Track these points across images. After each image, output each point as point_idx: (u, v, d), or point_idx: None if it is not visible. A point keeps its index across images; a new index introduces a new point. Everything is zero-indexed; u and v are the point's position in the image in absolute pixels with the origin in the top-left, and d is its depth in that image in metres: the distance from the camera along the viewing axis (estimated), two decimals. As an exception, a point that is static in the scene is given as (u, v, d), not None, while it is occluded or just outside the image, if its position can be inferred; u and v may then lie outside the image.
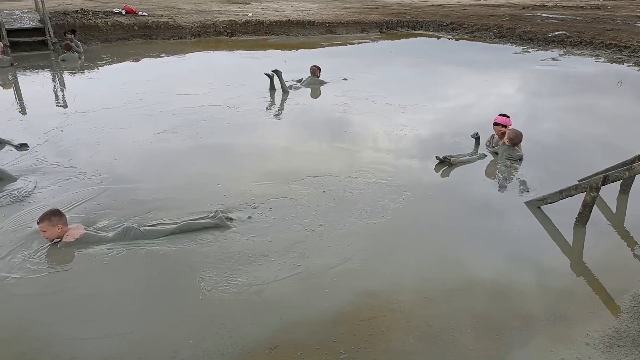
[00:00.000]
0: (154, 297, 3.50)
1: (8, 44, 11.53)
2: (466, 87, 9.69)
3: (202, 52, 13.04)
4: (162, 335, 3.15)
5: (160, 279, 3.67)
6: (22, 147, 6.00)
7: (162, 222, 4.35)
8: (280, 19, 16.06)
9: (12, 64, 10.45)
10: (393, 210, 4.70)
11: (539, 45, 14.10)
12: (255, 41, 14.65)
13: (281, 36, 15.39)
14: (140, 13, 14.97)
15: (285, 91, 8.75)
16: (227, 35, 14.96)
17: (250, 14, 16.60)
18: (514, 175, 5.60)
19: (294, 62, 12.00)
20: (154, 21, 14.44)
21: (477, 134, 6.27)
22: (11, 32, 11.85)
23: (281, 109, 7.93)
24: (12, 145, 6.05)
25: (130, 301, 3.44)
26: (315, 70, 9.43)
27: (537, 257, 4.11)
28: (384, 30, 16.85)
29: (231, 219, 4.40)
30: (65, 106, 8.06)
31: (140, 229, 4.15)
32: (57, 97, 8.78)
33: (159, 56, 12.18)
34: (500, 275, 3.84)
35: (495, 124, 6.23)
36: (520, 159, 5.97)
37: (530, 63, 11.98)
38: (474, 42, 15.12)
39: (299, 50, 13.77)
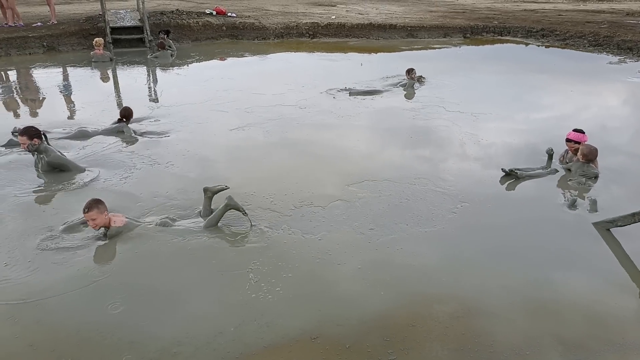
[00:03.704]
0: (205, 283, 3.76)
1: (110, 41, 12.67)
2: (547, 98, 9.20)
3: (283, 53, 13.47)
4: (210, 317, 3.40)
5: (215, 267, 3.93)
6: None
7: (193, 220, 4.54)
8: (362, 22, 16.15)
9: (111, 59, 11.49)
10: (448, 221, 4.65)
11: (639, 56, 13.00)
12: (336, 43, 14.87)
13: (361, 39, 15.49)
14: (229, 14, 15.76)
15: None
16: (309, 37, 15.32)
17: (333, 17, 16.87)
18: (586, 194, 5.29)
19: (371, 65, 12.09)
20: (240, 22, 15.14)
21: (551, 149, 5.98)
22: (114, 30, 12.99)
23: (349, 112, 8.02)
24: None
25: (184, 286, 3.72)
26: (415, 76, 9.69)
27: (599, 282, 3.89)
28: (468, 35, 16.36)
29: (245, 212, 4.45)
30: (152, 100, 8.75)
31: (176, 225, 4.39)
32: (147, 91, 9.55)
33: (242, 56, 12.77)
34: (556, 295, 3.70)
35: (568, 139, 5.89)
36: (596, 177, 5.62)
37: (625, 74, 11.10)
38: (565, 49, 14.26)
39: (379, 54, 13.80)
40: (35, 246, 4.11)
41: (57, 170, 5.43)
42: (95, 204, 4.09)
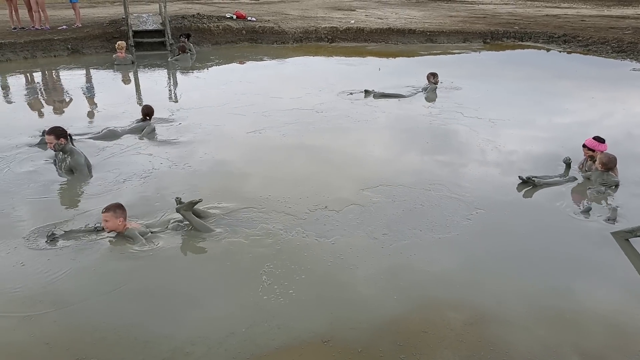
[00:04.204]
0: (219, 285, 3.81)
1: (133, 44, 12.91)
2: (568, 105, 9.06)
3: (301, 57, 13.55)
4: (222, 318, 3.43)
5: (229, 269, 3.98)
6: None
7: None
8: (381, 27, 16.15)
9: (133, 62, 11.71)
10: (462, 227, 4.61)
11: (665, 62, 12.73)
12: (354, 48, 14.89)
13: (380, 44, 15.48)
14: (249, 18, 15.92)
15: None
16: (328, 42, 15.37)
17: (352, 21, 16.91)
18: (606, 203, 5.19)
19: (390, 70, 12.08)
20: (260, 26, 15.28)
21: (568, 159, 5.90)
22: (137, 33, 13.24)
23: (366, 116, 8.02)
24: None
25: (198, 288, 3.77)
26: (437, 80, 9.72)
27: (618, 292, 3.82)
28: (488, 40, 16.22)
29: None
30: (172, 102, 8.89)
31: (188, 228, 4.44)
32: (168, 93, 9.71)
33: (261, 59, 12.88)
34: (573, 304, 3.65)
35: (583, 145, 5.80)
36: (616, 185, 5.51)
37: (650, 81, 10.90)
38: (587, 56, 14.04)
39: (397, 59, 13.77)
40: (52, 247, 4.19)
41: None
42: (113, 208, 4.22)
